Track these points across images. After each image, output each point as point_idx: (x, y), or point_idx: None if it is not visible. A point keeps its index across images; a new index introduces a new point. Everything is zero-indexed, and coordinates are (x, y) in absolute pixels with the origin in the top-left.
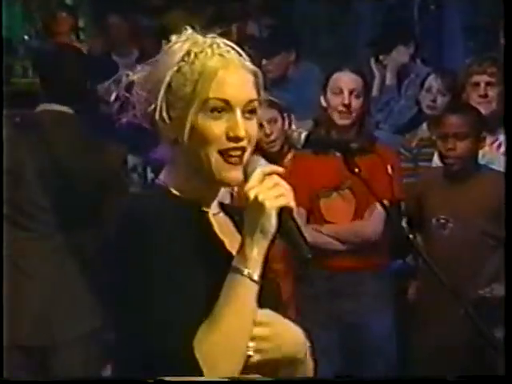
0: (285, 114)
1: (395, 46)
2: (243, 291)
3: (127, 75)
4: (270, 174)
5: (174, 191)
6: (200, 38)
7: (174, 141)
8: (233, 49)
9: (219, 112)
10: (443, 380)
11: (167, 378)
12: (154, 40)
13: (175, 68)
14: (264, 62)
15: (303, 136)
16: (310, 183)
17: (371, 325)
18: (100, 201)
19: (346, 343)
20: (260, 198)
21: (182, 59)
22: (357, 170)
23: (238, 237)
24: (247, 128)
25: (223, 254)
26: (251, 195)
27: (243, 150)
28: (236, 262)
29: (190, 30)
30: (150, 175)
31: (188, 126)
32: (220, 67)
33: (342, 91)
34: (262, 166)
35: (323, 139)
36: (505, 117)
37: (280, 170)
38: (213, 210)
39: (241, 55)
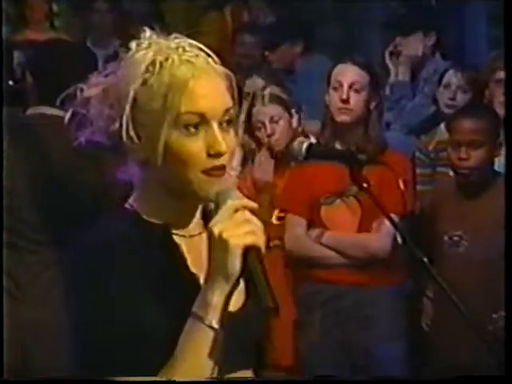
0: (293, 110)
1: (411, 34)
2: (201, 339)
3: (81, 90)
4: (240, 208)
5: (144, 216)
6: (163, 41)
7: (143, 161)
8: (200, 50)
9: (195, 127)
10: (443, 380)
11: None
12: (139, 29)
13: (140, 81)
14: (266, 52)
15: (305, 147)
16: (311, 189)
17: (380, 352)
18: (97, 215)
19: (352, 371)
20: (225, 235)
21: (147, 70)
22: (365, 184)
23: None
24: (227, 141)
25: (192, 282)
26: (215, 231)
27: (225, 166)
28: (196, 307)
29: (148, 33)
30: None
31: (161, 145)
32: (190, 77)
33: (341, 85)
34: (234, 199)
35: (327, 150)
36: (505, 118)
37: (253, 205)
38: (191, 230)
39: (210, 57)
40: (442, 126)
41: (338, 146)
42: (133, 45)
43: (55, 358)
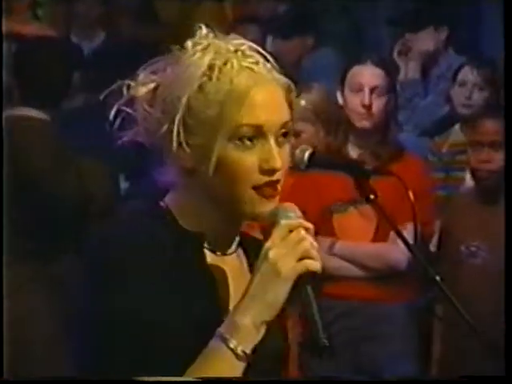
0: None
1: (423, 28)
2: (223, 366)
3: (128, 87)
4: (295, 228)
5: (178, 219)
6: (221, 43)
7: (189, 170)
8: (260, 55)
9: (250, 140)
10: (443, 380)
11: (167, 378)
12: (129, 20)
13: (195, 85)
14: (270, 43)
15: (307, 155)
16: (320, 196)
17: (391, 371)
18: (80, 226)
19: None
20: (279, 263)
21: (204, 74)
22: (372, 196)
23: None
24: (282, 157)
25: (216, 304)
26: (270, 256)
27: (278, 182)
28: (223, 327)
29: (205, 31)
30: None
31: (214, 157)
32: (251, 86)
33: (361, 88)
34: (288, 218)
35: (331, 160)
36: (505, 116)
37: (308, 225)
38: (223, 249)
39: (269, 63)
40: (457, 126)
41: (351, 150)
42: (189, 44)
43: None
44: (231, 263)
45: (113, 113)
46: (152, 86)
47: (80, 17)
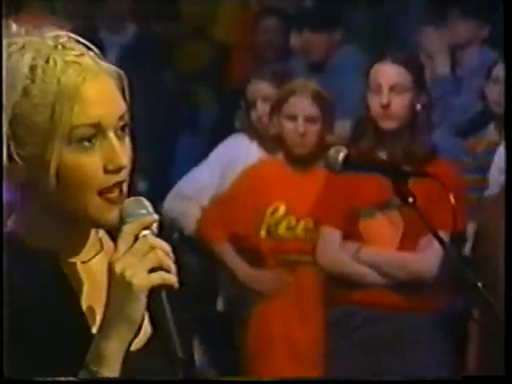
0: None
1: (450, 20)
2: None
3: None
4: (143, 229)
5: (26, 242)
6: (38, 40)
7: (25, 184)
8: (81, 44)
9: (89, 141)
10: (444, 380)
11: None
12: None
13: (19, 90)
14: (298, 38)
15: (341, 156)
16: (349, 199)
17: None
18: None
19: None
20: (127, 274)
21: (26, 77)
22: (411, 199)
23: None
24: (125, 152)
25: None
26: (117, 270)
27: (123, 182)
28: (90, 357)
29: (14, 28)
30: None
31: (53, 166)
32: (80, 82)
33: (380, 88)
34: (138, 216)
35: (367, 161)
36: (505, 116)
37: (153, 219)
38: (83, 255)
39: (92, 52)
40: (492, 125)
41: (381, 153)
42: (2, 46)
43: None
44: (96, 267)
45: None
46: None
47: (107, 9)
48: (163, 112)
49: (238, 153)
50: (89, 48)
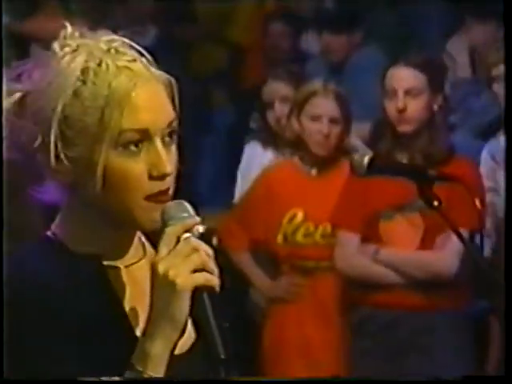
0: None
1: (471, 21)
2: None
3: None
4: (185, 231)
5: (70, 246)
6: (91, 42)
7: (71, 185)
8: (134, 50)
9: (135, 146)
10: (444, 380)
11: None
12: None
13: (70, 92)
14: (317, 39)
15: (366, 160)
16: (369, 202)
17: None
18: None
19: None
20: (170, 273)
21: (78, 79)
22: (436, 202)
23: None
24: (170, 159)
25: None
26: (160, 269)
27: (169, 189)
28: (135, 357)
29: (70, 30)
30: None
31: (100, 169)
32: (131, 88)
33: (395, 92)
34: (180, 219)
35: (392, 165)
36: (505, 116)
37: (196, 220)
38: (127, 259)
39: (145, 58)
40: None
41: (399, 155)
42: (56, 47)
43: None
44: (139, 272)
45: None
46: (18, 95)
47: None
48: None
49: (253, 159)
50: (141, 54)
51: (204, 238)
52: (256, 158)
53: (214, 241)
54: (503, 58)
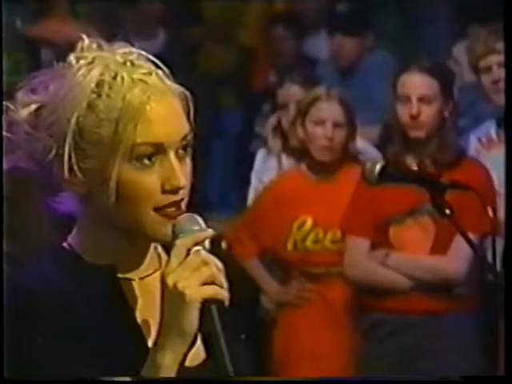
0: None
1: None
2: None
3: (7, 109)
4: (196, 244)
5: (86, 257)
6: (107, 55)
7: (84, 196)
8: (150, 62)
9: (149, 159)
10: (444, 380)
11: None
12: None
13: (84, 104)
14: (329, 41)
15: (377, 169)
16: (378, 207)
17: None
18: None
19: None
20: (180, 286)
21: (92, 91)
22: (448, 211)
23: None
24: (184, 172)
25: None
26: (169, 282)
27: (182, 200)
28: (144, 368)
29: (87, 42)
30: None
31: (113, 181)
32: (145, 101)
33: (409, 99)
34: (190, 232)
35: (404, 173)
36: (505, 116)
37: (209, 234)
38: (141, 271)
39: (161, 70)
40: None
41: (408, 160)
42: (72, 59)
43: None
44: (153, 283)
45: None
46: (34, 107)
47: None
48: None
49: (262, 167)
50: (158, 66)
51: (213, 242)
52: (268, 163)
53: (223, 245)
54: (491, 50)
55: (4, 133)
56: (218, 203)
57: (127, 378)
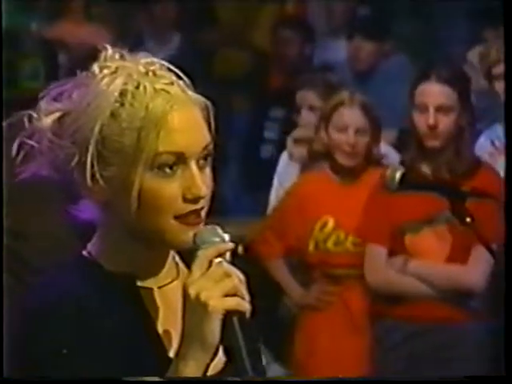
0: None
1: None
2: None
3: (30, 118)
4: (217, 256)
5: (105, 266)
6: (130, 65)
7: (105, 204)
8: (172, 72)
9: (170, 168)
10: (444, 380)
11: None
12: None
13: (107, 112)
14: (347, 45)
15: (398, 176)
16: (395, 215)
17: None
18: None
19: None
20: (202, 296)
21: (115, 100)
22: (468, 219)
23: None
24: (205, 182)
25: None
26: (191, 292)
27: (202, 209)
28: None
29: (110, 51)
30: None
31: (136, 190)
32: (167, 110)
33: (426, 108)
34: (211, 243)
35: (424, 181)
36: (505, 115)
37: (229, 246)
38: (160, 280)
39: (183, 81)
40: None
41: (425, 168)
42: (95, 68)
43: None
44: (171, 293)
45: (15, 147)
46: (57, 115)
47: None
48: None
49: (285, 169)
50: (179, 77)
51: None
52: (290, 166)
53: (240, 249)
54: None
55: (27, 140)
56: (231, 206)
57: (131, 378)
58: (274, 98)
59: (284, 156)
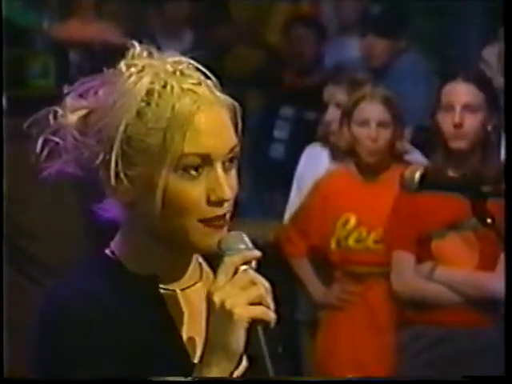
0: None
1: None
2: None
3: (55, 114)
4: (243, 263)
5: (128, 266)
6: (158, 63)
7: (129, 204)
8: (199, 72)
9: (195, 170)
10: (444, 380)
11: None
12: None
13: (133, 111)
14: (360, 43)
15: (417, 176)
16: (420, 220)
17: None
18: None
19: None
20: (227, 304)
21: (142, 100)
22: (489, 220)
23: None
24: (230, 184)
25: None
26: (216, 300)
27: (227, 212)
28: None
29: (138, 49)
30: None
31: (160, 191)
32: (194, 111)
33: (453, 107)
34: (236, 250)
35: (445, 181)
36: (505, 115)
37: (256, 255)
38: (183, 283)
39: (210, 81)
40: None
41: (451, 173)
42: (122, 66)
43: None
44: (194, 295)
45: (40, 144)
46: (83, 112)
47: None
48: None
49: (309, 166)
50: (207, 77)
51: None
52: (312, 165)
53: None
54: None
55: (51, 137)
56: (241, 207)
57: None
58: (286, 96)
59: (306, 153)
